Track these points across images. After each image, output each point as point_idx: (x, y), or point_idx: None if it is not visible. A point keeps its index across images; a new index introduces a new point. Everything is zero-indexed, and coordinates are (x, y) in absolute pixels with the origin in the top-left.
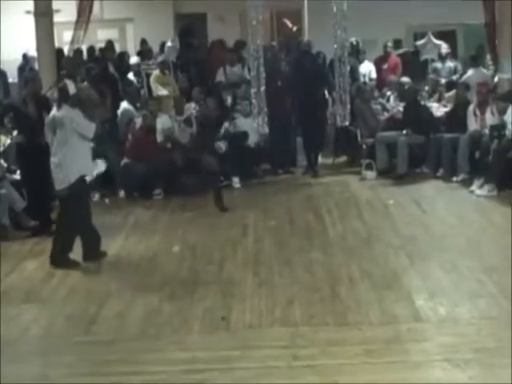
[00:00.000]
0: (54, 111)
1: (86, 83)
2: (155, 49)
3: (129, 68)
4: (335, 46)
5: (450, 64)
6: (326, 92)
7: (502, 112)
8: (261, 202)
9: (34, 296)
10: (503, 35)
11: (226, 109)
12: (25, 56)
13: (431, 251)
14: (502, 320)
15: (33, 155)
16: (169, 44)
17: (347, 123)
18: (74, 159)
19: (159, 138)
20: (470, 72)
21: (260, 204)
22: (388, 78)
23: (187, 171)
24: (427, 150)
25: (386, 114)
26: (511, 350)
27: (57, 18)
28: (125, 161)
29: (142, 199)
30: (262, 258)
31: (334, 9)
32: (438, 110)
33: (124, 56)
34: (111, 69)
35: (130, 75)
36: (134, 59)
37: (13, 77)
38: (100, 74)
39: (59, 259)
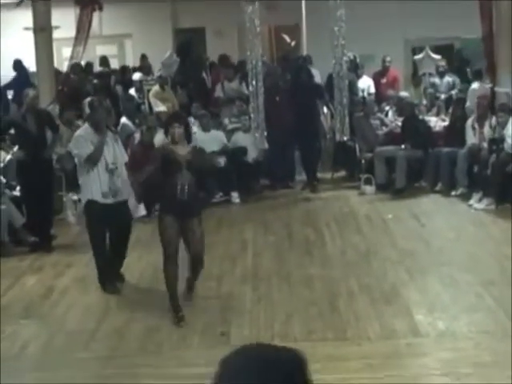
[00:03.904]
0: None
1: (90, 99)
2: (154, 64)
3: (131, 83)
4: (333, 61)
5: (448, 79)
6: (325, 107)
7: (503, 124)
8: (260, 217)
9: (34, 312)
10: (501, 49)
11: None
12: (17, 66)
13: (430, 265)
14: (500, 334)
15: (33, 171)
16: (163, 60)
17: (346, 138)
18: (84, 181)
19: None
20: (475, 85)
21: (259, 219)
22: (386, 92)
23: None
24: (426, 164)
25: (385, 129)
26: (511, 364)
27: (56, 34)
28: None
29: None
30: (261, 272)
31: (332, 24)
32: (437, 124)
33: (126, 70)
34: (113, 84)
35: (132, 91)
36: (136, 75)
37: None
38: (105, 90)
39: (99, 282)
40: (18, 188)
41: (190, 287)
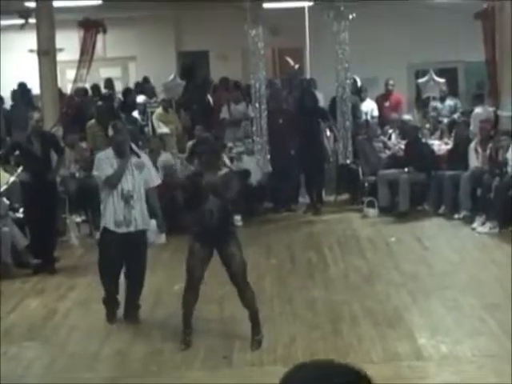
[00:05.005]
0: None
1: (93, 121)
2: (158, 87)
3: (134, 106)
4: (336, 84)
5: (449, 102)
6: (328, 129)
7: (506, 148)
8: (262, 239)
9: (36, 334)
10: (503, 72)
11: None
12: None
13: (433, 289)
14: (503, 357)
15: (37, 193)
16: (165, 82)
17: (349, 161)
18: (103, 207)
19: (161, 175)
20: (477, 109)
21: (262, 242)
22: (390, 115)
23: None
24: (429, 187)
25: (388, 152)
26: None
27: (60, 57)
28: None
29: None
30: (264, 295)
31: (336, 47)
32: (440, 147)
33: (130, 93)
34: (117, 107)
35: (135, 113)
36: (140, 98)
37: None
38: (108, 113)
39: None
40: (21, 210)
41: (252, 325)
